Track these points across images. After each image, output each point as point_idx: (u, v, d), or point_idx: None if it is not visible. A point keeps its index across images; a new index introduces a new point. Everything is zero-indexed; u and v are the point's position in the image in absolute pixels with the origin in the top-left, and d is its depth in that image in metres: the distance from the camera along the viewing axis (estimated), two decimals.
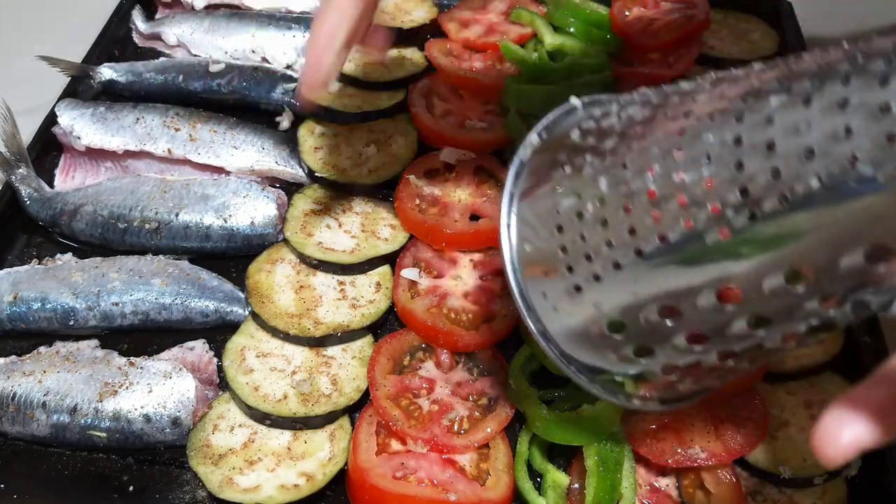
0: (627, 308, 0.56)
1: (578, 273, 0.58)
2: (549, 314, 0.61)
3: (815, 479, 0.75)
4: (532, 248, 0.62)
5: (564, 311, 0.60)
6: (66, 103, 1.07)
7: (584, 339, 0.60)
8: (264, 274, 0.91)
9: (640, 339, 0.57)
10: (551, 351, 0.62)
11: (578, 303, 0.59)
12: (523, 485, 0.76)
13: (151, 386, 0.82)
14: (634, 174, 0.54)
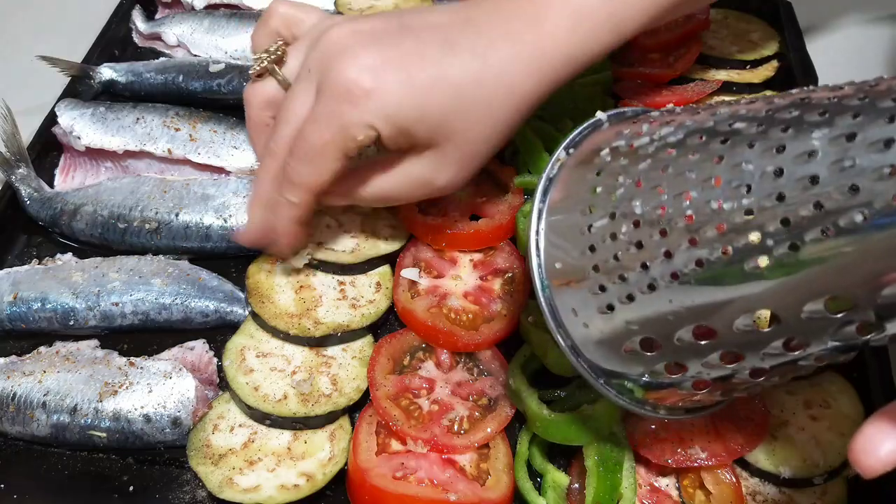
0: (661, 328, 0.57)
1: (611, 293, 0.58)
2: (579, 330, 0.62)
3: (814, 479, 0.75)
4: (562, 265, 0.62)
5: (595, 328, 0.61)
6: (66, 103, 1.07)
7: (614, 354, 0.61)
8: (264, 274, 0.91)
9: (672, 357, 0.58)
10: (581, 366, 0.62)
11: (610, 321, 0.59)
12: (523, 485, 0.76)
13: (151, 386, 0.82)
14: (671, 199, 0.55)
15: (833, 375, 0.83)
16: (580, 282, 0.61)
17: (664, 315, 0.56)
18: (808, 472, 0.75)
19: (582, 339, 0.62)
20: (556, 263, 0.62)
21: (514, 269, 0.91)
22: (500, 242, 0.93)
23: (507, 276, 0.91)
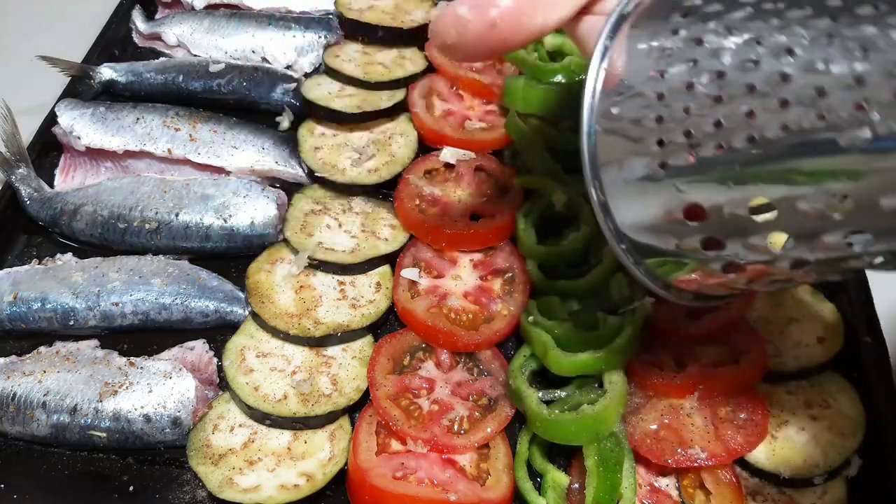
0: (717, 196, 0.51)
1: (670, 149, 0.53)
2: (617, 185, 0.56)
3: (814, 478, 0.75)
4: (620, 111, 0.56)
5: (636, 186, 0.55)
6: (66, 103, 1.07)
7: (648, 218, 0.56)
8: (264, 274, 0.91)
9: (716, 231, 0.53)
10: (607, 225, 0.57)
11: (658, 180, 0.54)
12: (523, 485, 0.76)
13: (151, 386, 0.82)
14: (769, 53, 0.48)
15: (833, 375, 0.83)
16: (637, 132, 0.54)
17: (726, 181, 0.50)
18: (809, 472, 0.75)
19: (618, 199, 0.56)
20: (613, 108, 0.56)
21: (514, 269, 0.91)
22: (500, 242, 0.93)
23: (507, 276, 0.91)
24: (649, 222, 0.56)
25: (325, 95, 1.08)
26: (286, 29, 1.17)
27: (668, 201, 0.54)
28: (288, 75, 1.14)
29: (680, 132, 0.52)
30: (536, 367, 0.82)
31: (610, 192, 0.57)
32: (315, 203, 0.99)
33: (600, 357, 0.77)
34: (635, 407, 0.79)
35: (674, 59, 0.53)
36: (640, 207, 0.56)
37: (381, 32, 1.14)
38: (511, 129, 1.01)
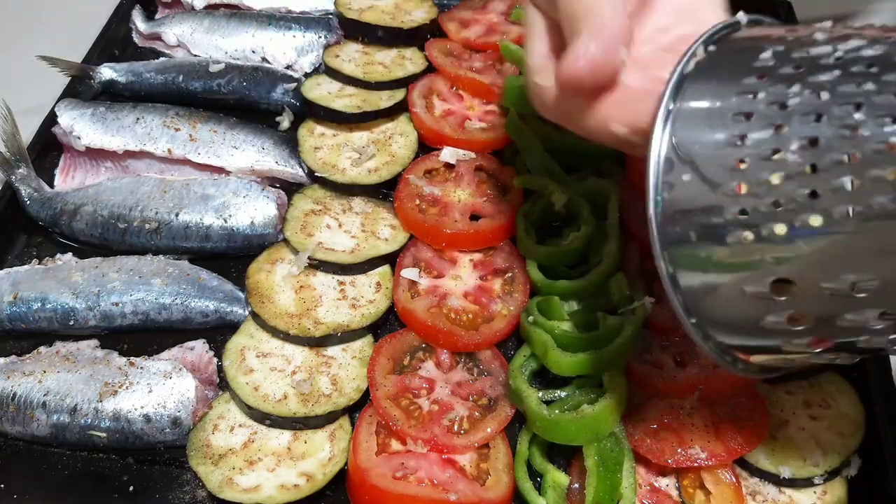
0: (814, 271, 0.48)
1: (755, 219, 0.49)
2: (689, 257, 0.53)
3: (814, 478, 0.75)
4: (692, 178, 0.53)
5: (712, 258, 0.52)
6: (66, 103, 1.07)
7: (724, 292, 0.53)
8: (264, 274, 0.91)
9: (807, 307, 0.50)
10: (676, 298, 0.54)
11: (740, 252, 0.51)
12: (523, 485, 0.76)
13: (151, 386, 0.82)
14: (871, 118, 0.46)
15: (833, 375, 0.83)
16: (713, 201, 0.51)
17: (828, 256, 0.47)
18: (809, 471, 0.75)
19: (688, 272, 0.53)
20: (684, 175, 0.53)
21: (514, 269, 0.91)
22: (500, 242, 0.93)
23: (507, 276, 0.91)
24: (723, 293, 0.53)
25: (325, 95, 1.08)
26: (286, 29, 1.17)
27: (751, 274, 0.51)
28: (288, 75, 1.14)
29: (767, 201, 0.49)
30: (536, 367, 0.82)
31: (680, 264, 0.54)
32: (315, 203, 0.99)
33: (600, 357, 0.77)
34: (635, 407, 0.79)
35: (753, 125, 0.50)
36: (714, 277, 0.53)
37: (381, 32, 1.14)
38: (511, 129, 1.00)
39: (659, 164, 0.54)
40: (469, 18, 1.19)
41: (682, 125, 0.54)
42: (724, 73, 0.54)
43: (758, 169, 0.49)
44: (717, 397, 0.79)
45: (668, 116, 0.54)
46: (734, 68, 0.54)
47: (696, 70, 0.55)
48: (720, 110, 0.53)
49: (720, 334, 0.55)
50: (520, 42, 1.15)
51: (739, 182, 0.50)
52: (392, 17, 1.16)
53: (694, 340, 0.55)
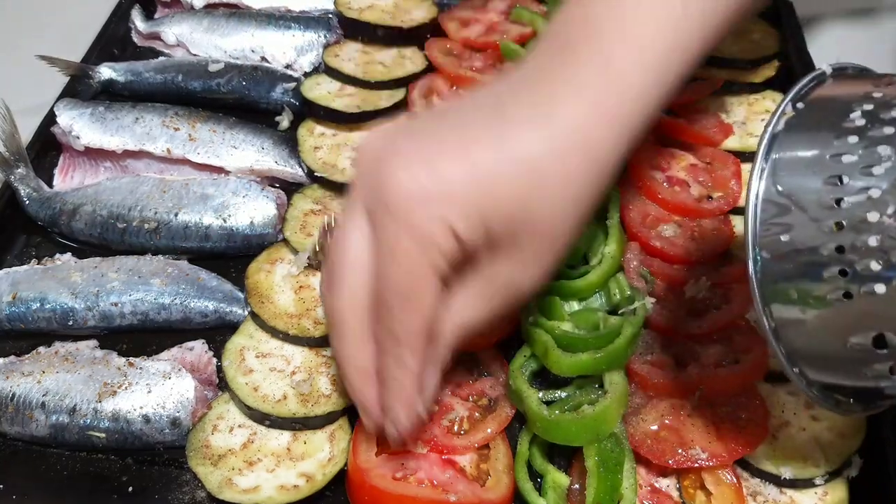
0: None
1: (857, 277, 0.51)
2: (790, 313, 0.55)
3: (815, 479, 0.75)
4: (790, 238, 0.54)
5: (816, 315, 0.54)
6: (65, 103, 1.07)
7: (829, 346, 0.54)
8: (264, 274, 0.91)
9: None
10: (779, 350, 0.56)
11: (842, 310, 0.52)
12: (523, 485, 0.76)
13: (150, 386, 0.82)
14: None
15: None
16: (812, 261, 0.53)
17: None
18: (810, 472, 0.75)
19: (790, 326, 0.55)
20: (783, 236, 0.54)
21: None
22: None
23: None
24: (828, 350, 0.55)
25: (324, 95, 1.08)
26: (286, 28, 1.17)
27: (852, 329, 0.52)
28: (287, 75, 1.14)
29: (869, 260, 0.50)
30: (537, 367, 0.82)
31: (781, 319, 0.56)
32: (315, 203, 0.99)
33: (601, 357, 0.77)
34: (636, 407, 0.79)
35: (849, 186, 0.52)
36: (820, 335, 0.55)
37: (381, 32, 1.13)
38: None
39: (756, 223, 0.55)
40: (469, 18, 1.19)
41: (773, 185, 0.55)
42: (816, 129, 0.55)
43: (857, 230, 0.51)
44: (718, 398, 0.79)
45: (762, 174, 0.56)
46: (824, 129, 0.55)
47: (786, 129, 0.56)
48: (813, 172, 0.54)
49: (824, 379, 0.57)
50: (520, 41, 1.14)
51: (841, 243, 0.52)
52: (392, 17, 1.16)
53: (798, 387, 0.58)
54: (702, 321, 0.84)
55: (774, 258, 0.55)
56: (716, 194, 0.96)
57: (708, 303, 0.86)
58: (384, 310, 0.61)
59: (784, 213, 0.55)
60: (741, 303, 0.85)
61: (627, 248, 0.90)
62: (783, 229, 0.55)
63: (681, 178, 0.98)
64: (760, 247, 0.55)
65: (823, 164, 0.54)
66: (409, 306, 0.60)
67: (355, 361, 0.64)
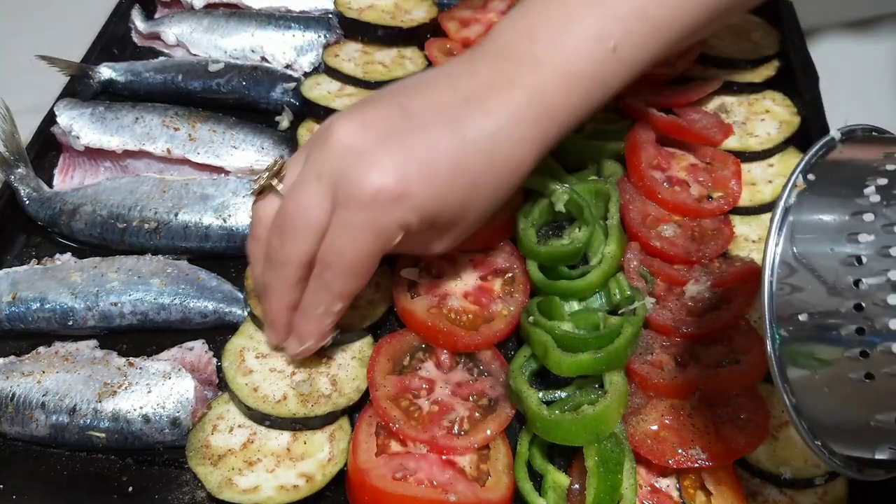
0: None
1: (880, 361, 0.51)
2: (810, 389, 0.55)
3: (815, 479, 0.75)
4: (808, 318, 0.54)
5: (838, 393, 0.54)
6: (64, 103, 1.07)
7: (851, 422, 0.55)
8: None
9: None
10: (800, 425, 0.57)
11: (865, 389, 0.52)
12: (523, 485, 0.76)
13: (150, 386, 0.82)
14: None
15: None
16: (832, 340, 0.53)
17: None
18: (809, 472, 0.75)
19: (811, 402, 0.55)
20: (801, 315, 0.54)
21: (514, 270, 0.91)
22: (500, 242, 0.93)
23: (507, 276, 0.91)
24: (852, 426, 0.55)
25: (324, 95, 1.07)
26: (285, 28, 1.17)
27: (874, 408, 0.52)
28: (287, 75, 1.14)
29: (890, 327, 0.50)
30: (537, 367, 0.82)
31: (801, 394, 0.56)
32: None
33: (601, 357, 0.77)
34: (636, 407, 0.79)
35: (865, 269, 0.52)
36: (840, 413, 0.55)
37: (381, 32, 1.13)
38: None
39: (773, 301, 0.55)
40: (469, 18, 1.19)
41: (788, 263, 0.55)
42: (825, 210, 0.55)
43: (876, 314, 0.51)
44: (718, 398, 0.79)
45: (776, 249, 0.56)
46: (836, 206, 0.55)
47: (798, 203, 0.56)
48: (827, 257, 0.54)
49: (848, 452, 0.57)
50: None
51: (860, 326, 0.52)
52: (392, 17, 1.16)
53: (821, 459, 0.57)
54: (702, 321, 0.84)
55: (793, 337, 0.55)
56: (716, 194, 0.96)
57: (708, 303, 0.86)
58: (326, 269, 0.73)
59: (801, 291, 0.55)
60: (741, 303, 0.85)
61: (627, 248, 0.90)
62: (801, 308, 0.54)
63: (681, 178, 0.98)
64: (778, 325, 0.55)
65: (840, 243, 0.54)
66: (351, 277, 0.73)
67: (285, 297, 0.77)
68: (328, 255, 0.72)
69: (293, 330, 0.80)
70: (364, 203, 0.69)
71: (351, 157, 0.70)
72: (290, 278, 0.75)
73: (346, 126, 0.71)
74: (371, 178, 0.68)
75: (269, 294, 0.78)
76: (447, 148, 0.71)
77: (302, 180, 0.73)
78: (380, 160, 0.69)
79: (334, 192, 0.70)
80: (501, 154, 0.74)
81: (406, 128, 0.71)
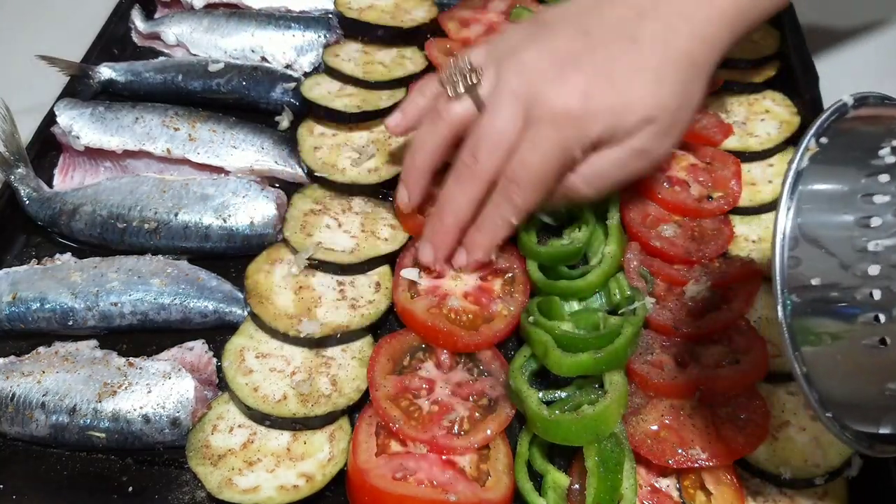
0: None
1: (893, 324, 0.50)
2: (821, 357, 0.54)
3: (815, 479, 0.75)
4: (821, 281, 0.53)
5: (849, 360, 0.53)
6: (65, 103, 1.06)
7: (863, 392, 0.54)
8: (263, 274, 0.91)
9: None
10: (811, 396, 0.55)
11: (878, 355, 0.51)
12: (523, 485, 0.76)
13: (150, 386, 0.82)
14: None
15: None
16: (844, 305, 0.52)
17: None
18: (809, 472, 0.75)
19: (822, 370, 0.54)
20: (813, 279, 0.53)
21: (514, 270, 0.91)
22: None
23: (507, 276, 0.91)
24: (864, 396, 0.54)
25: (324, 95, 1.07)
26: (285, 28, 1.17)
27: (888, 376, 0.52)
28: (287, 75, 1.14)
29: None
30: (537, 367, 0.82)
31: (813, 363, 0.54)
32: (315, 203, 0.99)
33: (601, 357, 0.77)
34: (636, 407, 0.79)
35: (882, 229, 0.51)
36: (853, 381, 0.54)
37: (381, 31, 1.13)
38: None
39: (784, 265, 0.54)
40: (469, 18, 1.19)
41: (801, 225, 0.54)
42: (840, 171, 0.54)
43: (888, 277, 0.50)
44: (718, 398, 0.79)
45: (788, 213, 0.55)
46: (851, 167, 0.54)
47: (810, 166, 0.55)
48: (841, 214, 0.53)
49: (858, 425, 0.56)
50: None
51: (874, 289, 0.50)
52: (392, 17, 1.16)
53: (832, 432, 0.56)
54: (702, 321, 0.84)
55: (805, 302, 0.54)
56: (716, 194, 0.96)
57: (708, 303, 0.86)
58: (512, 183, 0.80)
59: (813, 254, 0.54)
60: (741, 303, 0.85)
61: (627, 248, 0.90)
62: (813, 272, 0.53)
63: (681, 178, 0.98)
64: (789, 290, 0.54)
65: (854, 205, 0.53)
66: (534, 191, 0.81)
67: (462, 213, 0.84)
68: (517, 169, 0.79)
69: (466, 242, 0.87)
70: (555, 121, 0.77)
71: (543, 79, 0.78)
72: (475, 194, 0.82)
73: (530, 51, 0.80)
74: (561, 97, 0.77)
75: (445, 210, 0.84)
76: (627, 60, 0.78)
77: (497, 100, 0.80)
78: (570, 81, 0.77)
79: (527, 112, 0.78)
80: (678, 52, 0.79)
81: (587, 48, 0.79)
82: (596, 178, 0.83)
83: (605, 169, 0.82)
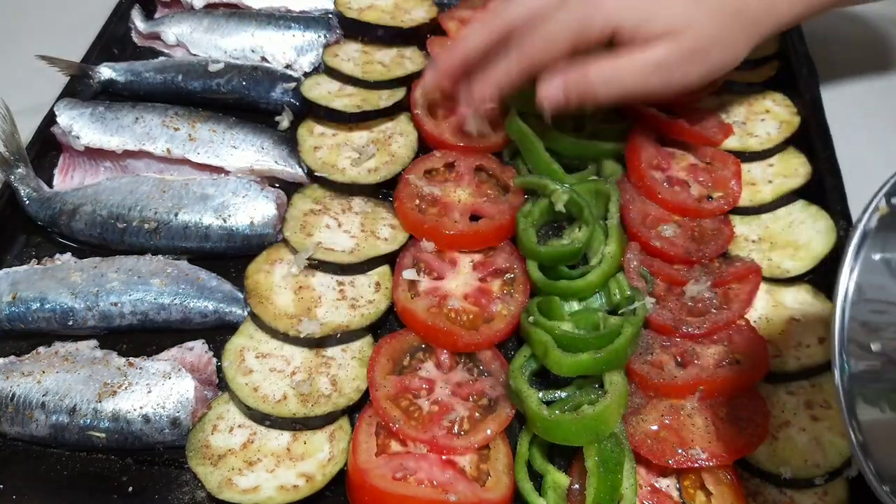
0: None
1: None
2: (879, 427, 0.52)
3: (815, 479, 0.75)
4: (881, 347, 0.52)
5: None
6: (65, 103, 1.06)
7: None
8: (263, 274, 0.91)
9: None
10: (867, 466, 0.53)
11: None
12: (523, 485, 0.76)
13: (150, 386, 0.82)
14: None
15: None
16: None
17: None
18: (810, 472, 0.75)
19: (881, 441, 0.52)
20: (873, 344, 0.52)
21: (514, 270, 0.91)
22: (500, 242, 0.93)
23: (507, 276, 0.91)
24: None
25: (324, 95, 1.07)
26: (285, 28, 1.17)
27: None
28: (287, 75, 1.13)
29: None
30: (537, 367, 0.82)
31: (870, 433, 0.53)
32: (314, 203, 0.99)
33: (601, 357, 0.77)
34: (636, 407, 0.79)
35: None
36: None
37: (381, 31, 1.13)
38: (511, 129, 1.00)
39: (844, 328, 0.52)
40: (469, 17, 1.19)
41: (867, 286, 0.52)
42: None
43: None
44: (718, 398, 0.79)
45: (851, 274, 0.53)
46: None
47: (879, 227, 0.53)
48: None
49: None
50: None
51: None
52: (392, 17, 1.16)
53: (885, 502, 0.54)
54: (702, 321, 0.84)
55: (864, 369, 0.52)
56: (716, 194, 0.96)
57: (708, 303, 0.86)
58: (522, 34, 0.86)
59: (875, 319, 0.52)
60: (741, 303, 0.85)
61: (627, 248, 0.90)
62: (874, 337, 0.52)
63: (681, 178, 0.98)
64: (847, 354, 0.52)
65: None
66: (543, 43, 0.84)
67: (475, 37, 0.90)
68: (535, 24, 0.84)
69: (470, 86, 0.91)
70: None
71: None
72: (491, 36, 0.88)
73: None
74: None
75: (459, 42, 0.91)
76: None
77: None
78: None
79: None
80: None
81: None
82: (614, 81, 0.84)
83: (624, 74, 0.84)
